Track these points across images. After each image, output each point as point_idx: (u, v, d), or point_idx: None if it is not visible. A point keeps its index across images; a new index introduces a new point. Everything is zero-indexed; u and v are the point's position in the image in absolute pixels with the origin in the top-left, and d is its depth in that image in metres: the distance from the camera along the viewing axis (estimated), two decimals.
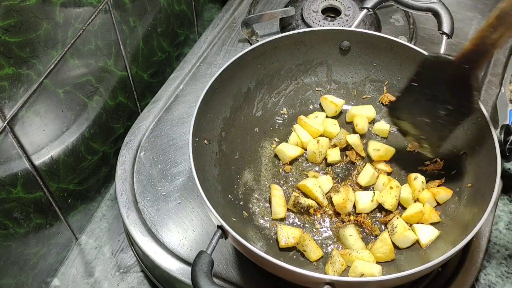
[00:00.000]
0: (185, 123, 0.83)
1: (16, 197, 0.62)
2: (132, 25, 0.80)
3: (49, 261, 0.73)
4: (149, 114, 0.85)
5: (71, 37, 0.65)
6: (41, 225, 0.68)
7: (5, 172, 0.59)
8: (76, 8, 0.65)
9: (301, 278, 0.57)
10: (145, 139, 0.81)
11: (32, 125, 0.62)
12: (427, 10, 0.80)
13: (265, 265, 0.59)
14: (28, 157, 0.63)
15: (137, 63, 0.85)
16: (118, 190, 0.75)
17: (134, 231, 0.71)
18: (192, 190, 0.76)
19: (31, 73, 0.59)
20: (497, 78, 0.90)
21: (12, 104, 0.58)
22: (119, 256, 0.77)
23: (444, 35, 0.78)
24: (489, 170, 0.64)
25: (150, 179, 0.77)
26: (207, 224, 0.72)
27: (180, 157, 0.79)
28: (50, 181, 0.68)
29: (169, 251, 0.70)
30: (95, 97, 0.75)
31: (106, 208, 0.83)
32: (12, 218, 0.62)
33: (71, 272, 0.76)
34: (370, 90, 0.83)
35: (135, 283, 0.75)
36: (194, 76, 0.90)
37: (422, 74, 0.67)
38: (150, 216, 0.73)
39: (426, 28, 0.97)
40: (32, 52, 0.59)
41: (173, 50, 0.97)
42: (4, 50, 0.54)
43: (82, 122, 0.73)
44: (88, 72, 0.71)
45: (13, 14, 0.54)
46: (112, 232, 0.80)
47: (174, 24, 0.94)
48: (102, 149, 0.80)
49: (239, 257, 0.68)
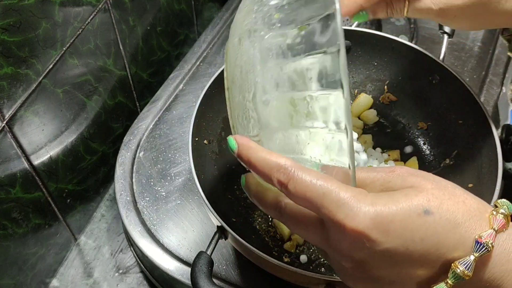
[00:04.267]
0: (185, 123, 0.83)
1: (15, 197, 0.62)
2: (132, 24, 0.80)
3: (48, 261, 0.72)
4: (148, 113, 0.84)
5: (70, 37, 0.65)
6: (40, 225, 0.68)
7: (4, 172, 0.59)
8: (75, 7, 0.65)
9: (301, 278, 0.56)
10: (145, 139, 0.81)
11: (31, 125, 0.62)
12: None
13: (265, 266, 0.59)
14: (27, 157, 0.63)
15: (136, 63, 0.85)
16: (117, 190, 0.75)
17: (133, 232, 0.71)
18: (191, 190, 0.75)
19: (30, 72, 0.59)
20: (498, 77, 0.90)
21: (11, 103, 0.57)
22: (118, 256, 0.77)
23: (445, 34, 0.78)
24: (490, 171, 0.63)
25: (150, 179, 0.77)
26: (207, 225, 0.72)
27: (179, 157, 0.79)
28: (49, 181, 0.68)
29: (168, 251, 0.69)
30: (94, 97, 0.75)
31: (105, 208, 0.83)
32: (11, 218, 0.62)
33: (70, 272, 0.75)
34: (371, 90, 0.82)
35: (134, 283, 0.74)
36: (194, 76, 0.90)
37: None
38: (149, 216, 0.73)
39: (427, 27, 0.97)
40: (31, 52, 0.58)
41: (173, 50, 0.97)
42: (3, 49, 0.54)
43: (81, 121, 0.73)
44: (87, 71, 0.71)
45: (12, 13, 0.54)
46: (111, 232, 0.80)
47: (173, 23, 0.94)
48: (101, 149, 0.80)
49: (239, 258, 0.68)
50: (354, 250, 0.35)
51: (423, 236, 0.33)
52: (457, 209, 0.34)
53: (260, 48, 0.38)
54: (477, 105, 0.68)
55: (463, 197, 0.36)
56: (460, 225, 0.34)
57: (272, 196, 0.40)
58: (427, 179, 0.36)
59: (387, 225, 0.33)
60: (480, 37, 0.98)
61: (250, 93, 0.39)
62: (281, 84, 0.38)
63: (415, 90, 0.79)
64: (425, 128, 0.78)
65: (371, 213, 0.33)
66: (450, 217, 0.34)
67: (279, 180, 0.36)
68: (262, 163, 0.37)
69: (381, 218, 0.33)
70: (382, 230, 0.33)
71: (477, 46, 0.97)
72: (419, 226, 0.33)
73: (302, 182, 0.35)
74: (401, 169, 0.37)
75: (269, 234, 0.70)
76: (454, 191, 0.36)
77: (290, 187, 0.35)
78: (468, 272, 0.33)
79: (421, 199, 0.34)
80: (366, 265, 0.35)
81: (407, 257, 0.34)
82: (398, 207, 0.34)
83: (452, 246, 0.34)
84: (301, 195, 0.35)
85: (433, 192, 0.35)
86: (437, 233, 0.34)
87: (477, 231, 0.34)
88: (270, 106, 0.38)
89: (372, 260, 0.35)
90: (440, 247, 0.34)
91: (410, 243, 0.34)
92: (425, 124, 0.78)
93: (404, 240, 0.33)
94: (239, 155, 0.39)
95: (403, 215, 0.33)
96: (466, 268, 0.33)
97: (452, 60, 0.94)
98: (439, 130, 0.76)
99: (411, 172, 0.37)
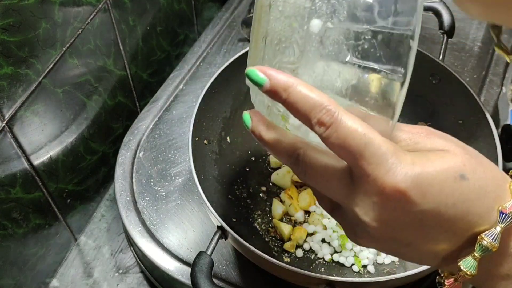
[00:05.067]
0: (185, 123, 0.83)
1: (15, 197, 0.62)
2: (132, 24, 0.80)
3: (48, 261, 0.72)
4: (148, 113, 0.84)
5: (70, 37, 0.65)
6: (40, 225, 0.68)
7: (4, 172, 0.59)
8: (75, 7, 0.65)
9: (301, 278, 0.56)
10: (145, 139, 0.81)
11: (31, 125, 0.62)
12: (428, 9, 0.79)
13: (265, 266, 0.59)
14: (27, 157, 0.62)
15: (136, 63, 0.85)
16: (117, 190, 0.75)
17: (133, 232, 0.71)
18: (191, 191, 0.75)
19: (30, 72, 0.59)
20: (499, 77, 0.90)
21: (11, 103, 0.57)
22: (118, 256, 0.77)
23: (445, 34, 0.78)
24: None
25: (150, 179, 0.77)
26: (207, 225, 0.72)
27: (179, 157, 0.79)
28: (49, 181, 0.68)
29: (168, 251, 0.69)
30: (94, 97, 0.75)
31: (105, 209, 0.83)
32: (11, 219, 0.62)
33: (70, 272, 0.75)
34: None
35: (134, 283, 0.74)
36: (194, 76, 0.90)
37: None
38: (149, 216, 0.73)
39: (427, 27, 0.97)
40: (31, 52, 0.58)
41: (173, 50, 0.97)
42: (3, 49, 0.54)
43: (81, 121, 0.73)
44: (87, 71, 0.71)
45: (11, 13, 0.54)
46: (111, 232, 0.80)
47: (173, 23, 0.94)
48: (101, 149, 0.80)
49: (239, 258, 0.68)
50: (386, 208, 0.33)
51: (456, 201, 0.33)
52: (487, 177, 0.34)
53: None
54: (477, 105, 0.68)
55: (489, 165, 0.35)
56: (490, 193, 0.34)
57: (290, 141, 0.35)
58: (454, 143, 0.35)
59: (425, 188, 0.32)
60: (480, 37, 0.98)
61: (304, 18, 0.34)
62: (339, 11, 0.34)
63: (415, 90, 0.79)
64: None
65: (413, 173, 0.32)
66: (482, 184, 0.33)
67: (320, 121, 0.32)
68: (303, 99, 0.33)
69: (421, 179, 0.32)
70: (420, 191, 0.32)
71: (477, 46, 0.97)
72: (454, 190, 0.33)
73: (346, 127, 0.32)
74: (425, 130, 0.36)
75: (269, 234, 0.70)
76: (481, 159, 0.35)
77: (330, 130, 0.32)
78: (495, 243, 0.33)
79: (457, 162, 0.33)
80: (392, 224, 0.34)
81: (437, 221, 0.33)
82: (437, 169, 0.33)
83: (479, 215, 0.33)
84: (341, 141, 0.32)
85: (466, 157, 0.34)
86: (469, 199, 0.33)
87: (501, 202, 0.34)
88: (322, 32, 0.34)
89: (402, 220, 0.33)
90: (469, 214, 0.33)
91: (443, 207, 0.33)
92: (425, 124, 0.78)
93: (438, 203, 0.33)
94: (273, 88, 0.34)
95: (441, 178, 0.33)
96: (492, 239, 0.33)
97: (452, 60, 0.94)
98: (439, 130, 0.76)
99: (436, 133, 0.36)
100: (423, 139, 0.36)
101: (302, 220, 0.71)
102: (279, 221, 0.71)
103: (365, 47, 0.33)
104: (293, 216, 0.72)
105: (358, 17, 0.33)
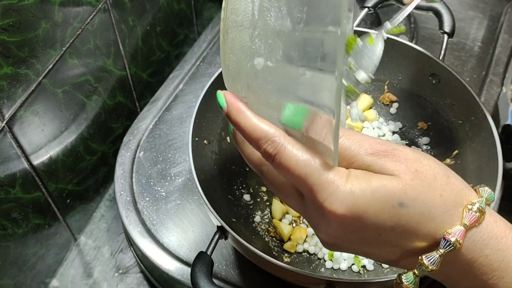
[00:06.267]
0: (185, 123, 0.83)
1: (14, 197, 0.62)
2: (131, 24, 0.80)
3: (47, 261, 0.72)
4: (148, 113, 0.84)
5: (69, 37, 0.65)
6: (39, 225, 0.68)
7: (4, 172, 0.59)
8: (75, 7, 0.65)
9: (301, 278, 0.56)
10: (144, 139, 0.81)
11: (31, 125, 0.62)
12: (428, 9, 0.79)
13: (265, 266, 0.58)
14: (27, 157, 0.62)
15: (136, 63, 0.85)
16: (117, 190, 0.75)
17: (133, 232, 0.71)
18: (191, 191, 0.75)
19: (29, 72, 0.59)
20: (499, 77, 0.90)
21: (10, 103, 0.57)
22: (118, 256, 0.77)
23: (445, 34, 0.77)
24: (490, 171, 0.63)
25: (149, 179, 0.76)
26: (207, 225, 0.72)
27: (179, 157, 0.79)
28: (49, 181, 0.68)
29: (168, 251, 0.69)
30: (94, 97, 0.74)
31: (105, 209, 0.83)
32: (11, 219, 0.62)
33: (70, 272, 0.75)
34: (371, 90, 0.82)
35: (134, 284, 0.74)
36: (194, 76, 0.90)
37: None
38: (149, 216, 0.73)
39: (427, 27, 0.97)
40: (30, 52, 0.58)
41: (173, 50, 0.97)
42: (3, 49, 0.54)
43: (81, 122, 0.73)
44: (87, 71, 0.71)
45: (11, 13, 0.54)
46: (111, 232, 0.80)
47: (173, 23, 0.94)
48: (101, 149, 0.80)
49: (239, 258, 0.68)
50: (332, 227, 0.36)
51: (394, 225, 0.35)
52: (433, 203, 0.35)
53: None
54: (477, 105, 0.68)
55: (441, 189, 0.36)
56: (435, 218, 0.35)
57: (257, 157, 0.40)
58: (406, 167, 0.36)
59: (362, 214, 0.35)
60: (480, 37, 0.98)
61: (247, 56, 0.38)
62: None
63: (415, 90, 0.79)
64: (425, 128, 0.78)
65: (348, 201, 0.35)
66: (424, 210, 0.35)
67: (266, 151, 0.37)
68: (251, 130, 0.37)
69: (357, 206, 0.35)
70: (357, 217, 0.35)
71: (477, 46, 0.97)
72: (391, 216, 0.35)
73: (288, 157, 0.36)
74: (385, 148, 0.37)
75: (269, 234, 0.70)
76: (434, 183, 0.36)
77: (275, 160, 0.36)
78: (434, 267, 0.35)
79: (397, 190, 0.35)
80: (342, 238, 0.37)
81: (379, 240, 0.36)
82: (375, 196, 0.35)
83: (422, 237, 0.36)
84: (285, 169, 0.36)
85: (412, 183, 0.35)
86: (408, 224, 0.35)
87: (446, 227, 0.35)
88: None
89: (347, 237, 0.37)
90: (411, 235, 0.36)
91: (382, 230, 0.36)
92: (425, 124, 0.78)
93: (376, 227, 0.35)
94: (227, 115, 0.39)
95: (378, 205, 0.35)
96: (431, 263, 0.35)
97: (452, 60, 0.94)
98: (439, 130, 0.76)
99: (392, 153, 0.37)
100: (376, 161, 0.37)
101: (302, 220, 0.71)
102: (279, 221, 0.71)
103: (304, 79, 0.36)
104: (293, 216, 0.72)
105: (292, 57, 0.36)
